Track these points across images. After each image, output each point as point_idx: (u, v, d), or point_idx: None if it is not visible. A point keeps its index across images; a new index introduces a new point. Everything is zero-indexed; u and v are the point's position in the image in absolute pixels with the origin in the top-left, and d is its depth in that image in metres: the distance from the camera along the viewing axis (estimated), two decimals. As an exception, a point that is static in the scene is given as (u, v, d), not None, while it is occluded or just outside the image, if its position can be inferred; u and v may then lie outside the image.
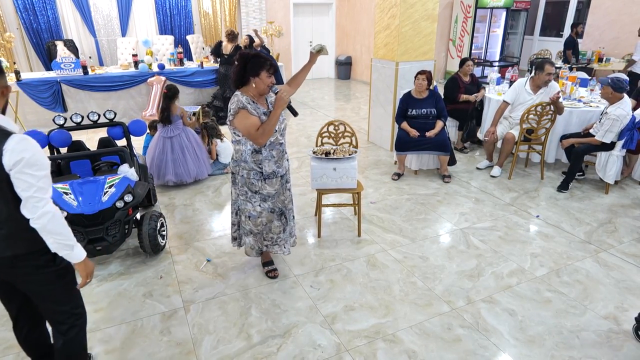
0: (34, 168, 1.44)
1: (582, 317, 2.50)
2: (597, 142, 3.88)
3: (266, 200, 2.63)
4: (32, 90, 5.99)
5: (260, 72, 2.35)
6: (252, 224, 2.69)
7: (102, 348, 2.31)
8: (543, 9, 10.22)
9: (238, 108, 2.39)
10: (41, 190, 1.47)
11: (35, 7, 7.39)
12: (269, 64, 2.36)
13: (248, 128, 2.40)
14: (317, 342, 2.32)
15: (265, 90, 2.42)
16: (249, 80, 2.39)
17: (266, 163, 2.54)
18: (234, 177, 2.66)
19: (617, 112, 3.77)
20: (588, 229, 3.49)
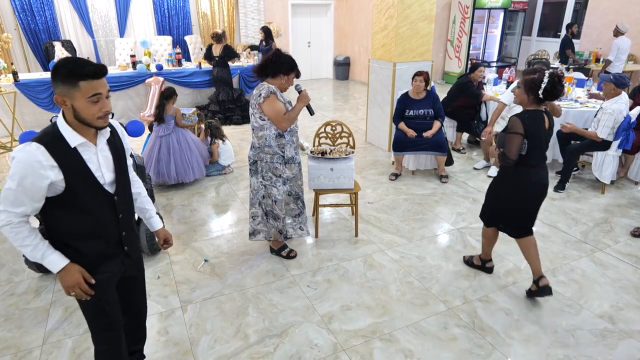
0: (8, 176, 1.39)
1: (578, 316, 2.51)
2: (596, 136, 3.88)
3: (285, 183, 2.85)
4: (30, 91, 5.99)
5: (291, 72, 2.65)
6: (278, 208, 2.88)
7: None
8: (541, 10, 10.25)
9: (269, 92, 2.60)
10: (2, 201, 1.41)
11: (32, 7, 7.38)
12: (298, 69, 2.68)
13: (277, 111, 2.61)
14: (314, 342, 2.33)
15: (286, 88, 2.71)
16: (278, 76, 2.63)
17: (288, 147, 2.77)
18: (254, 167, 2.83)
19: (613, 107, 3.80)
20: (584, 229, 3.50)
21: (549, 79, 2.29)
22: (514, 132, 2.35)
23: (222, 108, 6.63)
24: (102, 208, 1.54)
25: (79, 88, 1.34)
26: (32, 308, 2.64)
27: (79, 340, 2.36)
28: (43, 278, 2.92)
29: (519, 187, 2.48)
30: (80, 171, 1.44)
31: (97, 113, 1.39)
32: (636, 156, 4.32)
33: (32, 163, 1.33)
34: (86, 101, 1.36)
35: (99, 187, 1.50)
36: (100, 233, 1.56)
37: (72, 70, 1.34)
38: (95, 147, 1.48)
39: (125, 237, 1.64)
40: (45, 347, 2.33)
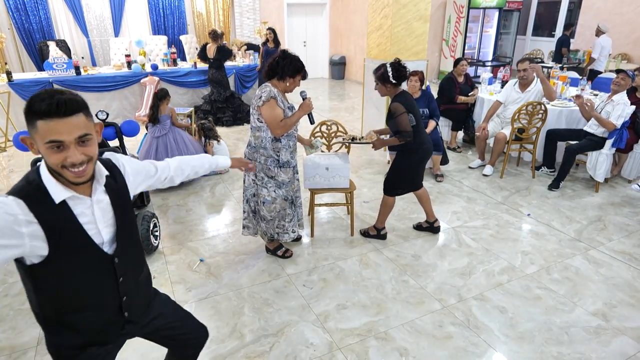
0: None
1: (571, 313, 2.53)
2: (613, 125, 3.88)
3: (280, 187, 2.83)
4: (24, 91, 5.94)
5: (297, 75, 2.65)
6: (266, 209, 2.85)
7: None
8: (535, 9, 10.30)
9: (269, 97, 2.59)
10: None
11: (27, 7, 7.34)
12: (305, 71, 2.68)
13: (274, 117, 2.60)
14: (310, 341, 2.33)
15: (291, 90, 2.71)
16: (284, 78, 2.62)
17: (283, 152, 2.75)
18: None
19: (624, 98, 3.88)
20: (578, 227, 3.53)
21: (391, 67, 2.84)
22: (400, 113, 2.84)
23: (213, 108, 6.62)
24: (97, 273, 1.23)
25: (36, 128, 1.03)
26: (26, 309, 2.62)
27: (74, 341, 2.36)
28: (37, 279, 2.91)
29: (417, 152, 3.04)
30: (69, 230, 1.13)
31: (59, 162, 1.06)
32: (629, 155, 4.35)
33: (4, 216, 1.03)
34: (44, 147, 1.04)
35: (93, 248, 1.19)
36: (96, 303, 1.27)
37: (29, 105, 1.03)
38: (90, 199, 1.18)
39: (126, 302, 1.33)
40: (39, 347, 2.31)
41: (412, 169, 3.13)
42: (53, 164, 1.07)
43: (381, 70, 2.89)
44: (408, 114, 2.87)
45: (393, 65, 2.87)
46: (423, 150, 3.07)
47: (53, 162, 1.06)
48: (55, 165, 1.07)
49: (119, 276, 1.28)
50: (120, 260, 1.27)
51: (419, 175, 3.21)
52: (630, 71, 3.94)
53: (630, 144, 4.19)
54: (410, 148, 3.01)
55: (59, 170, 1.08)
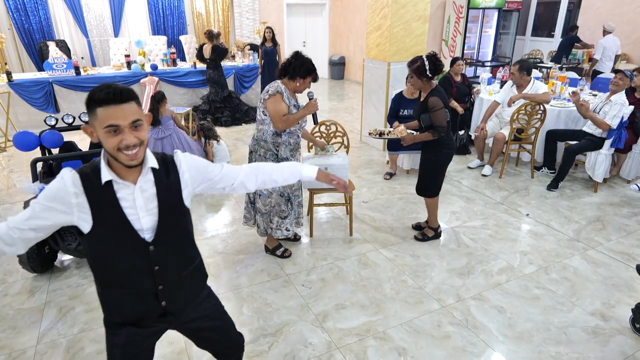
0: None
1: (570, 313, 2.54)
2: (607, 125, 3.88)
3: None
4: (24, 91, 5.96)
5: (308, 76, 2.69)
6: (262, 202, 2.90)
7: (94, 348, 2.31)
8: (535, 10, 10.30)
9: (276, 91, 2.66)
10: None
11: (26, 7, 7.34)
12: (315, 72, 2.72)
13: (277, 110, 2.66)
14: (309, 340, 2.34)
15: (301, 90, 2.76)
16: (295, 78, 2.67)
17: (282, 148, 2.79)
18: (250, 156, 2.90)
19: (623, 98, 3.88)
20: (577, 227, 3.53)
21: (428, 60, 2.81)
22: (439, 108, 2.84)
23: (212, 108, 6.62)
24: (133, 256, 1.30)
25: (96, 116, 1.16)
26: (26, 308, 2.63)
27: (74, 340, 2.36)
28: (37, 278, 2.92)
29: (449, 147, 3.02)
30: (110, 210, 1.23)
31: (116, 145, 1.16)
32: (628, 155, 4.36)
33: (59, 188, 1.20)
34: (102, 131, 1.16)
35: (130, 232, 1.27)
36: (127, 284, 1.34)
37: (90, 95, 1.17)
38: (133, 186, 1.26)
39: (163, 291, 1.37)
40: (39, 347, 2.32)
41: (445, 164, 3.10)
42: (110, 148, 1.18)
43: (417, 63, 2.84)
44: (445, 109, 2.87)
45: (430, 58, 2.82)
46: (452, 147, 3.07)
47: (110, 145, 1.17)
48: (112, 148, 1.18)
49: (153, 265, 1.33)
50: (156, 249, 1.32)
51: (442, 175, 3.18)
52: (629, 71, 3.95)
53: (629, 144, 4.20)
54: (442, 143, 2.98)
55: (115, 153, 1.19)
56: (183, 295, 1.45)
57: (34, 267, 2.85)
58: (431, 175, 3.12)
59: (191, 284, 1.48)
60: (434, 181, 3.14)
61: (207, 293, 1.58)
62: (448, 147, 3.03)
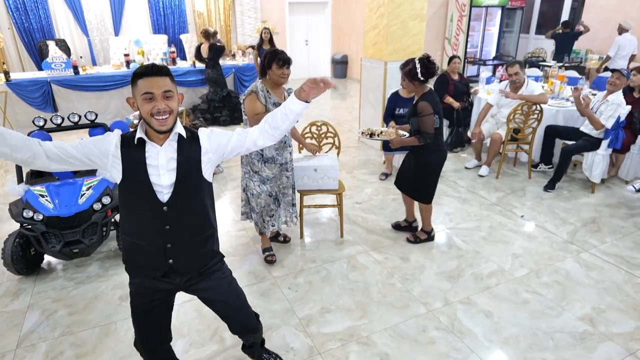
0: None
1: (558, 318, 2.48)
2: (601, 125, 3.82)
3: (265, 183, 2.86)
4: (22, 91, 5.99)
5: (271, 64, 2.62)
6: (254, 202, 2.92)
7: (73, 352, 2.30)
8: (539, 8, 10.16)
9: (251, 91, 2.67)
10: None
11: (26, 6, 7.38)
12: (279, 57, 2.60)
13: (250, 109, 2.65)
14: (290, 345, 2.31)
15: (278, 80, 2.66)
16: (267, 72, 2.67)
17: (267, 147, 2.75)
18: (242, 156, 2.90)
19: (620, 98, 3.80)
20: (571, 229, 3.47)
21: (420, 63, 2.73)
22: (428, 114, 2.77)
23: (211, 107, 6.61)
24: (147, 212, 1.51)
25: (137, 86, 1.43)
26: (9, 311, 2.63)
27: (54, 344, 2.35)
28: (22, 280, 2.92)
29: (440, 151, 2.97)
30: (136, 166, 1.47)
31: (149, 110, 1.41)
32: (627, 155, 4.27)
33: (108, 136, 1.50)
34: (141, 99, 1.42)
35: (149, 188, 1.48)
36: (141, 235, 1.54)
37: (134, 71, 1.46)
38: (159, 147, 1.49)
39: (171, 250, 1.55)
40: (18, 350, 2.31)
41: (439, 168, 3.05)
42: (145, 113, 1.42)
43: (409, 66, 2.76)
44: (434, 115, 2.79)
45: (422, 61, 2.74)
46: (443, 152, 3.01)
47: (146, 110, 1.42)
48: (146, 113, 1.42)
49: (165, 224, 1.52)
50: (169, 210, 1.51)
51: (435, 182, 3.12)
52: (625, 70, 3.86)
53: (627, 144, 4.12)
54: (431, 149, 2.91)
55: (149, 119, 1.43)
56: (191, 259, 1.62)
57: (18, 269, 2.84)
58: (427, 179, 3.05)
59: (200, 252, 1.63)
60: (430, 187, 3.08)
61: (220, 267, 1.72)
62: (439, 151, 2.97)
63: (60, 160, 1.42)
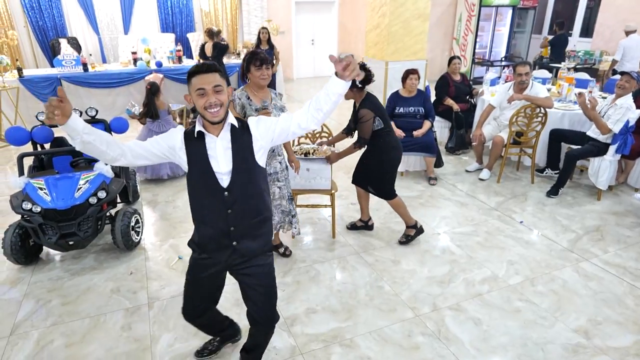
0: None
1: (551, 329, 2.41)
2: (608, 129, 3.72)
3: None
4: (34, 87, 6.12)
5: (250, 67, 2.53)
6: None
7: (63, 341, 2.33)
8: (552, 7, 9.94)
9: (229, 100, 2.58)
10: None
11: (41, 5, 7.54)
12: (255, 58, 2.50)
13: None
14: (273, 344, 2.30)
15: (259, 82, 2.55)
16: (246, 76, 2.60)
17: None
18: None
19: (629, 102, 3.70)
20: (572, 237, 3.37)
21: None
22: (367, 120, 2.89)
23: None
24: (211, 198, 1.65)
25: (191, 83, 1.58)
26: (6, 299, 2.69)
27: (45, 332, 2.39)
28: (21, 270, 2.98)
29: (387, 153, 3.04)
30: (199, 156, 1.63)
31: (203, 104, 1.55)
32: (636, 161, 4.14)
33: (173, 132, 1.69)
34: (195, 94, 1.56)
35: (212, 176, 1.62)
36: (207, 220, 1.69)
37: (188, 70, 1.60)
38: (216, 138, 1.63)
39: (234, 232, 1.69)
40: (12, 337, 2.36)
41: (396, 164, 3.13)
42: (199, 107, 1.57)
43: None
44: (375, 118, 2.92)
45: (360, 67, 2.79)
46: (399, 148, 3.12)
47: (200, 104, 1.56)
48: (201, 107, 1.57)
49: (227, 207, 1.65)
50: (230, 194, 1.65)
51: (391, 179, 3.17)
52: (635, 73, 3.73)
53: (637, 150, 3.98)
54: (386, 147, 3.02)
55: (203, 112, 1.58)
56: (252, 241, 1.74)
57: (17, 258, 2.90)
58: (383, 177, 3.12)
59: (259, 233, 1.75)
60: (389, 183, 3.14)
61: (267, 256, 1.82)
62: (395, 149, 3.07)
63: (139, 156, 1.64)
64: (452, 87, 4.85)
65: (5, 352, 2.27)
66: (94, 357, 2.23)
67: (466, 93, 4.92)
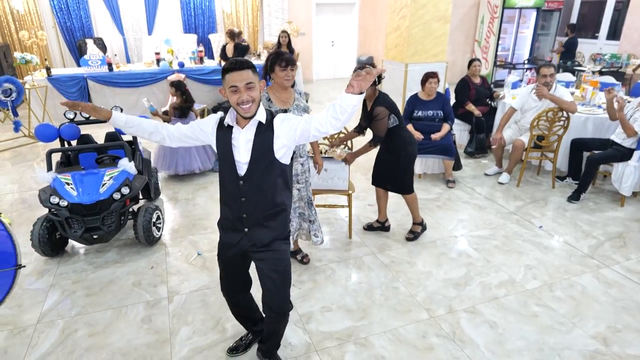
0: None
1: (569, 334, 2.38)
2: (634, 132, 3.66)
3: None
4: (61, 86, 6.35)
5: (274, 67, 2.52)
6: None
7: (86, 331, 2.43)
8: (578, 9, 9.72)
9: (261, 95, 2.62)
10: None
11: (69, 6, 7.81)
12: (281, 59, 2.49)
13: None
14: (288, 340, 2.34)
15: (283, 83, 2.53)
16: (270, 77, 2.59)
17: None
18: None
19: None
20: (593, 243, 3.30)
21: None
22: (382, 118, 2.95)
23: None
24: (230, 184, 1.79)
25: (225, 80, 1.66)
26: (34, 289, 2.81)
27: (70, 322, 2.50)
28: (48, 261, 3.10)
29: (405, 149, 3.10)
30: (224, 144, 1.76)
31: (236, 100, 1.64)
32: (663, 168, 4.01)
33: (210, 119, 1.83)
34: (228, 91, 1.65)
35: (232, 164, 1.76)
36: (227, 202, 1.84)
37: (222, 67, 1.69)
38: (241, 130, 1.73)
39: (246, 219, 1.81)
40: (39, 325, 2.47)
41: (413, 159, 3.22)
42: (233, 102, 1.66)
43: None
44: (390, 116, 2.99)
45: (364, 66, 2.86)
46: (414, 143, 3.21)
47: (233, 100, 1.65)
48: (234, 103, 1.66)
49: (241, 196, 1.78)
50: (245, 184, 1.76)
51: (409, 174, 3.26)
52: None
53: (663, 156, 3.87)
54: (404, 144, 3.10)
55: (236, 107, 1.67)
56: (261, 231, 1.83)
57: (44, 250, 3.03)
58: (405, 173, 3.19)
59: (269, 225, 1.83)
60: (408, 178, 3.22)
61: (281, 243, 1.88)
62: (411, 144, 3.15)
63: (178, 139, 1.85)
64: (473, 89, 4.80)
65: (33, 338, 2.38)
66: (116, 347, 2.32)
67: (486, 96, 4.87)
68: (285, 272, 1.90)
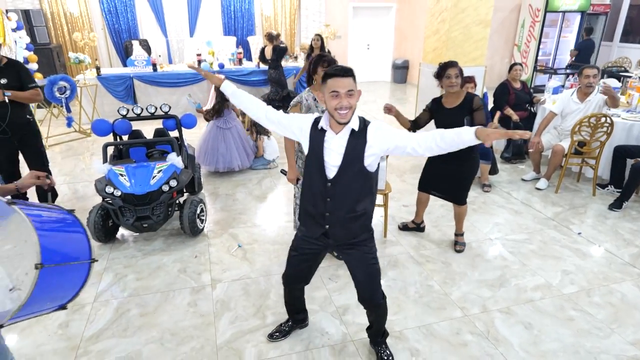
0: None
1: (606, 339, 2.36)
2: None
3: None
4: (109, 84, 6.75)
5: (317, 68, 2.63)
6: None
7: (138, 311, 2.63)
8: (626, 13, 9.35)
9: (296, 102, 2.72)
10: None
11: (117, 9, 8.28)
12: (324, 60, 2.61)
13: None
14: (326, 330, 2.44)
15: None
16: (313, 79, 2.70)
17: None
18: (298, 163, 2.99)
19: None
20: (635, 252, 3.23)
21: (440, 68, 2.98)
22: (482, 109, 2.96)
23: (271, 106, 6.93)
24: (316, 183, 1.84)
25: (326, 84, 1.71)
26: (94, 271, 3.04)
27: (123, 302, 2.70)
28: (101, 247, 3.35)
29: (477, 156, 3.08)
30: (316, 145, 1.82)
31: (334, 105, 1.68)
32: None
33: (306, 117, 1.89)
34: (329, 95, 1.69)
35: (321, 165, 1.81)
36: (310, 199, 1.90)
37: (325, 71, 1.75)
38: (335, 135, 1.78)
39: (328, 218, 1.86)
40: (95, 304, 2.69)
41: (475, 169, 3.18)
42: (331, 107, 1.71)
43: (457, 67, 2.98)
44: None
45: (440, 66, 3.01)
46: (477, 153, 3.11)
47: (331, 105, 1.70)
48: (332, 108, 1.71)
49: (327, 197, 1.84)
50: (332, 186, 1.82)
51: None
52: None
53: None
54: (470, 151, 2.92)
55: (333, 112, 1.72)
56: (342, 230, 1.89)
57: (98, 236, 3.28)
58: (468, 182, 3.14)
59: (351, 226, 1.89)
60: (468, 187, 3.18)
61: (368, 244, 1.95)
62: (476, 151, 3.05)
63: (273, 122, 1.92)
64: (512, 94, 4.76)
65: (91, 315, 2.60)
66: (165, 327, 2.49)
67: (526, 101, 4.81)
68: (373, 267, 1.98)
